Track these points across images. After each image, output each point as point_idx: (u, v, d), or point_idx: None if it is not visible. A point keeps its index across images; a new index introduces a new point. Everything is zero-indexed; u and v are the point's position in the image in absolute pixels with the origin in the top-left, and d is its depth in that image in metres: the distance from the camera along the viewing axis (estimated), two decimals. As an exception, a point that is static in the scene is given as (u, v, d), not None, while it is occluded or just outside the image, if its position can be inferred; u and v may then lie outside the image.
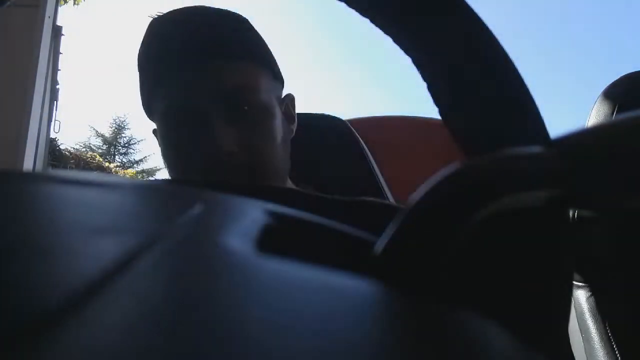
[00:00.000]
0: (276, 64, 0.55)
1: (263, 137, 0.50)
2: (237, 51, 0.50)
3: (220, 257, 0.12)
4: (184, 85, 0.49)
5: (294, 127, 0.59)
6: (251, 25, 0.54)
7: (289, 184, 0.57)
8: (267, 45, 0.55)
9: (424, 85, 0.24)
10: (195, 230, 0.13)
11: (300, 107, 0.61)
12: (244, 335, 0.08)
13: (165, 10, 0.53)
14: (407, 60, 0.24)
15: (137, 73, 0.54)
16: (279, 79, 0.56)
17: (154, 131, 0.57)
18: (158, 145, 0.55)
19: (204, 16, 0.51)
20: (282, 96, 0.57)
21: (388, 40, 0.25)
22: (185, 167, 0.50)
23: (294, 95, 0.60)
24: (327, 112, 0.79)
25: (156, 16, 0.52)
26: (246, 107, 0.49)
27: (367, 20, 0.25)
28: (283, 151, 0.53)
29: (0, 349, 0.07)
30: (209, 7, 0.52)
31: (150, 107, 0.54)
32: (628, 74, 0.72)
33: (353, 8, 0.25)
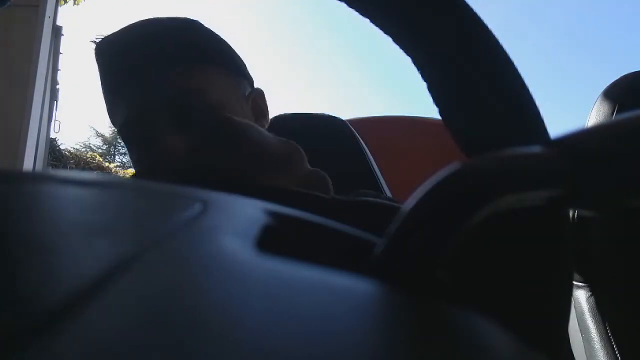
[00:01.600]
0: (236, 61, 0.54)
1: (226, 135, 0.48)
2: (181, 55, 0.50)
3: (220, 257, 0.12)
4: (130, 100, 0.49)
5: (266, 121, 0.57)
6: (201, 26, 0.53)
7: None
8: (222, 44, 0.54)
9: (424, 85, 0.24)
10: (195, 230, 0.13)
11: (302, 108, 0.61)
12: (244, 336, 0.08)
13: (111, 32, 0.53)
14: (407, 60, 0.24)
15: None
16: (240, 77, 0.55)
17: None
18: None
19: (145, 28, 0.51)
20: (248, 92, 0.56)
21: (388, 40, 0.25)
22: (144, 170, 0.50)
23: (267, 92, 0.58)
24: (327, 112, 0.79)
25: (97, 40, 0.52)
26: (192, 110, 0.48)
27: (367, 20, 0.25)
28: (259, 142, 0.51)
29: (0, 349, 0.07)
30: (153, 19, 0.52)
31: (114, 117, 0.54)
32: (628, 74, 0.72)
33: (353, 8, 0.25)
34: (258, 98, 0.57)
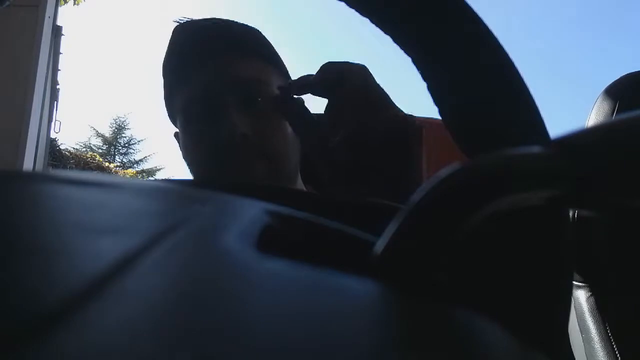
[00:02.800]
0: (285, 67, 0.60)
1: (275, 126, 0.54)
2: (250, 49, 0.56)
3: (220, 257, 0.12)
4: (201, 79, 0.54)
5: None
6: (262, 33, 0.59)
7: (300, 182, 0.60)
8: (276, 51, 0.60)
9: (424, 85, 0.24)
10: (195, 231, 0.13)
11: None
12: (244, 336, 0.08)
13: (185, 15, 0.60)
14: (407, 60, 0.24)
15: (162, 78, 0.59)
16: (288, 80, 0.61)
17: (176, 135, 0.61)
18: (179, 149, 0.59)
19: (220, 22, 0.57)
20: None
21: (388, 39, 0.25)
22: (203, 153, 0.54)
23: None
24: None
25: (179, 22, 0.57)
26: (260, 98, 0.53)
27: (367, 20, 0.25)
28: (293, 144, 0.57)
29: (0, 349, 0.07)
30: (229, 20, 0.58)
31: (172, 106, 0.59)
32: (629, 74, 0.72)
33: (353, 8, 0.25)
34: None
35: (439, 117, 0.24)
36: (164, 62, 0.58)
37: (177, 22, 0.57)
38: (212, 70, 0.54)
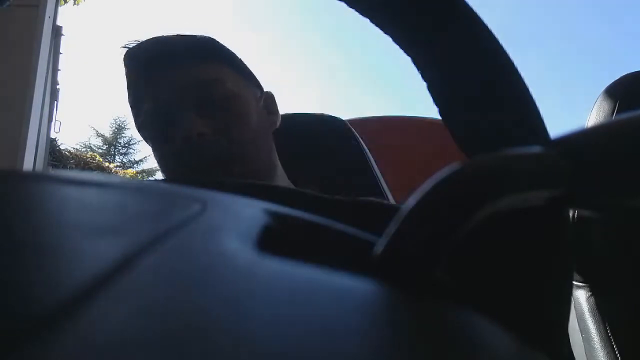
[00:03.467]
0: (247, 68, 0.62)
1: (235, 122, 0.55)
2: (202, 54, 0.57)
3: (220, 257, 0.12)
4: (157, 92, 0.55)
5: (277, 119, 0.64)
6: (217, 40, 0.60)
7: (281, 177, 0.61)
8: (233, 53, 0.61)
9: (424, 85, 0.24)
10: (195, 231, 0.13)
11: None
12: (244, 336, 0.08)
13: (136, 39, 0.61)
14: (407, 60, 0.24)
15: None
16: (251, 81, 0.62)
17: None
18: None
19: (169, 37, 0.59)
20: (258, 95, 0.63)
21: (387, 39, 0.25)
22: (168, 161, 0.56)
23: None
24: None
25: (128, 45, 0.59)
26: (215, 98, 0.55)
27: (367, 20, 0.25)
28: (262, 139, 0.58)
29: (0, 349, 0.07)
30: (177, 34, 0.59)
31: (137, 117, 0.60)
32: (629, 74, 0.72)
33: (353, 8, 0.25)
34: (269, 99, 0.64)
35: (439, 117, 0.24)
36: (127, 91, 0.59)
37: (125, 47, 0.59)
38: (166, 81, 0.55)
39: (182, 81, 0.55)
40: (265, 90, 0.65)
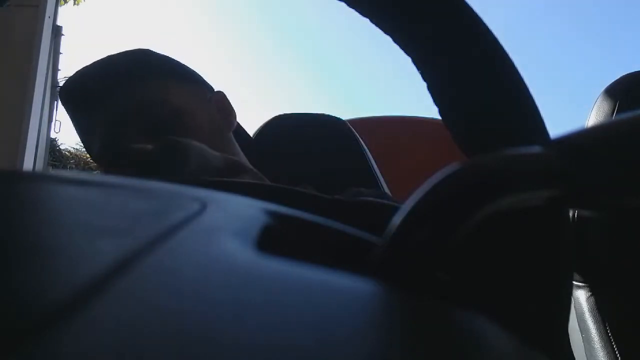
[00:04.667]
0: (189, 73, 0.61)
1: (183, 134, 0.52)
2: (137, 74, 0.55)
3: (220, 257, 0.12)
4: (100, 126, 0.54)
5: (233, 118, 0.62)
6: (152, 51, 0.59)
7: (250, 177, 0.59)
8: (173, 61, 0.60)
9: (424, 85, 0.24)
10: (195, 230, 0.13)
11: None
12: (243, 336, 0.08)
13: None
14: (407, 60, 0.24)
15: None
16: (197, 84, 0.61)
17: None
18: None
19: (101, 63, 0.57)
20: (209, 96, 0.62)
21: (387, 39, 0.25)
22: None
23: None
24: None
25: (63, 82, 0.59)
26: (156, 119, 0.53)
27: (367, 20, 0.25)
28: (218, 146, 0.55)
29: (0, 349, 0.07)
30: (107, 56, 0.58)
31: (90, 151, 0.59)
32: (629, 74, 0.72)
33: (353, 8, 0.25)
34: (220, 99, 0.63)
35: (439, 117, 0.24)
36: (75, 129, 0.59)
37: (59, 86, 0.58)
38: (107, 112, 0.54)
39: (120, 107, 0.53)
40: (216, 90, 0.63)
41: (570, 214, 0.21)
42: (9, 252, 0.10)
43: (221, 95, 0.63)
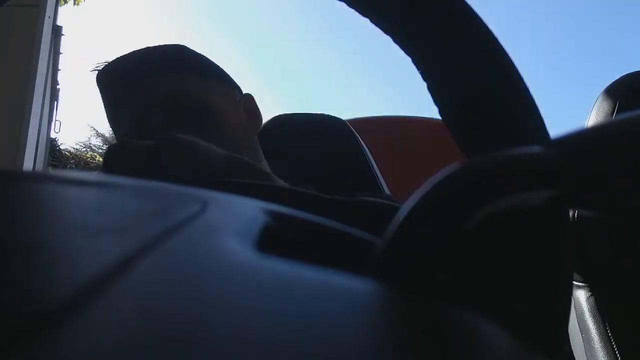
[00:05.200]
0: (222, 73, 0.61)
1: (211, 134, 0.53)
2: (171, 66, 0.56)
3: (220, 257, 0.12)
4: (130, 111, 0.55)
5: (259, 121, 0.63)
6: (188, 48, 0.60)
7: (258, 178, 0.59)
8: (208, 60, 0.61)
9: (424, 85, 0.24)
10: (195, 230, 0.13)
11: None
12: (244, 336, 0.08)
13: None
14: (407, 60, 0.24)
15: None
16: (228, 85, 0.62)
17: None
18: None
19: (139, 52, 0.58)
20: (238, 98, 0.63)
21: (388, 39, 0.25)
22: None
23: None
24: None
25: (97, 68, 0.59)
26: (187, 113, 0.53)
27: (367, 21, 0.25)
28: (243, 147, 0.56)
29: (0, 349, 0.07)
30: (147, 47, 0.59)
31: (117, 138, 0.60)
32: (629, 73, 0.72)
33: (353, 8, 0.25)
34: (248, 102, 0.63)
35: (439, 117, 0.24)
36: (105, 114, 0.59)
37: (95, 70, 0.59)
38: (136, 101, 0.55)
39: (151, 97, 0.54)
40: (245, 92, 0.64)
41: (570, 214, 0.21)
42: (9, 252, 0.10)
43: (249, 98, 0.64)
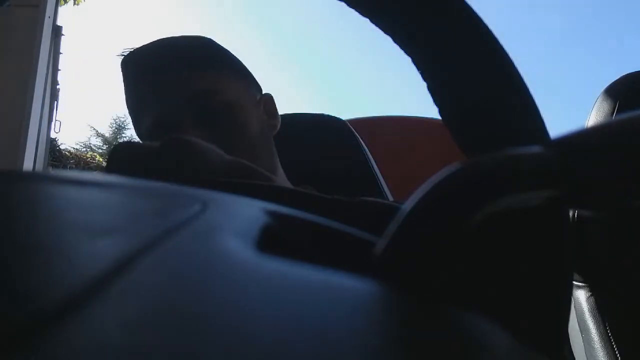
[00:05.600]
0: (245, 70, 0.61)
1: (233, 132, 0.54)
2: (197, 62, 0.56)
3: (220, 257, 0.12)
4: (155, 104, 0.55)
5: (277, 122, 0.64)
6: (214, 41, 0.60)
7: (281, 181, 0.59)
8: (232, 56, 0.61)
9: (424, 85, 0.24)
10: (195, 230, 0.13)
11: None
12: (244, 336, 0.08)
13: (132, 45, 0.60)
14: (407, 60, 0.24)
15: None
16: (250, 83, 0.62)
17: None
18: None
19: (166, 42, 0.57)
20: (258, 97, 0.63)
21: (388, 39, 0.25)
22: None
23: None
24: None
25: (124, 53, 0.59)
26: (212, 109, 0.54)
27: (367, 20, 0.25)
28: (262, 147, 0.57)
29: (0, 349, 0.07)
30: (172, 37, 0.58)
31: (136, 126, 0.60)
32: (629, 74, 0.72)
33: (353, 8, 0.25)
34: (268, 102, 0.64)
35: (439, 117, 0.24)
36: (125, 99, 0.59)
37: (122, 55, 0.58)
38: (162, 93, 0.54)
39: (178, 93, 0.54)
40: (265, 92, 0.64)
41: (570, 214, 0.21)
42: (9, 252, 0.10)
43: (269, 98, 0.64)
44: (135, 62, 0.57)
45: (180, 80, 0.54)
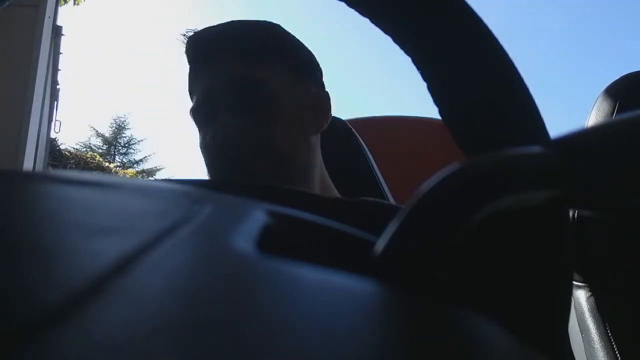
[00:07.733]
0: (304, 62, 0.59)
1: (269, 127, 0.53)
2: (248, 48, 0.55)
3: (220, 257, 0.12)
4: (200, 87, 0.57)
5: (324, 121, 0.60)
6: (277, 27, 0.59)
7: (319, 184, 0.57)
8: (294, 44, 0.59)
9: (424, 85, 0.24)
10: (195, 231, 0.13)
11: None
12: (245, 335, 0.08)
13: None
14: (407, 60, 0.24)
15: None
16: (306, 76, 0.59)
17: None
18: None
19: (227, 25, 0.58)
20: (313, 92, 0.59)
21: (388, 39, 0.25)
22: (202, 150, 0.57)
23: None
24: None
25: (187, 33, 0.60)
26: (249, 96, 0.53)
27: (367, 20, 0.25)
28: (299, 145, 0.55)
29: (0, 349, 0.07)
30: (237, 20, 0.58)
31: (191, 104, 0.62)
32: (629, 74, 0.72)
33: (353, 8, 0.25)
34: (322, 100, 0.60)
35: (439, 117, 0.24)
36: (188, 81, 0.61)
37: (184, 35, 0.59)
38: (208, 76, 0.56)
39: (225, 79, 0.55)
40: (326, 89, 0.61)
41: (570, 214, 0.21)
42: (9, 252, 0.10)
43: (323, 95, 0.60)
44: (190, 41, 0.59)
45: (229, 64, 0.55)
